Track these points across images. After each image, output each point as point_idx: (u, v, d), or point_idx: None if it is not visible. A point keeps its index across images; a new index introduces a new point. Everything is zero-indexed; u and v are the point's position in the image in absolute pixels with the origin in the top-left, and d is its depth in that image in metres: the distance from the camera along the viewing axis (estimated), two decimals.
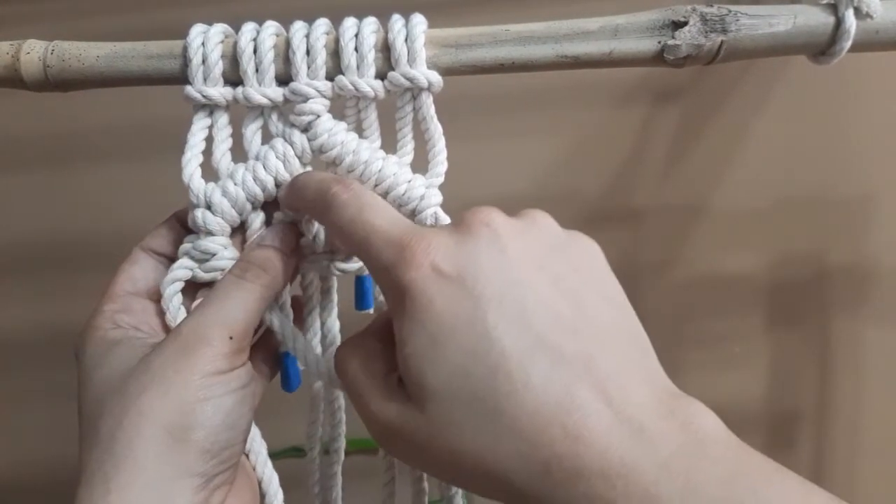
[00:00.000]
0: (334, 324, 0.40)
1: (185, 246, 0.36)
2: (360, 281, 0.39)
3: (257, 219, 0.37)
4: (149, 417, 0.30)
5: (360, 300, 0.40)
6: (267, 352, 0.38)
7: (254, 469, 0.36)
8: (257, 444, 0.36)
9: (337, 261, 0.38)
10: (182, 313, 0.36)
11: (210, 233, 0.36)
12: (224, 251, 0.36)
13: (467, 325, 0.27)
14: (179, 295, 0.36)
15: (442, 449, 0.28)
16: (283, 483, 0.37)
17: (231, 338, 0.32)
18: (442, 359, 0.27)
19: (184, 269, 0.36)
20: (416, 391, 0.28)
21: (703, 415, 0.27)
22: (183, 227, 0.38)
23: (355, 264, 0.38)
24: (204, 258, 0.36)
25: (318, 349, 0.40)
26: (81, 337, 0.34)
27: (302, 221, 0.37)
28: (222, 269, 0.36)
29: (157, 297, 0.36)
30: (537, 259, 0.29)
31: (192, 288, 0.37)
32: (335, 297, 0.40)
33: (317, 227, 0.36)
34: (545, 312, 0.28)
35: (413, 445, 0.29)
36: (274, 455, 0.39)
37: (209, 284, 0.37)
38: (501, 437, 0.26)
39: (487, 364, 0.27)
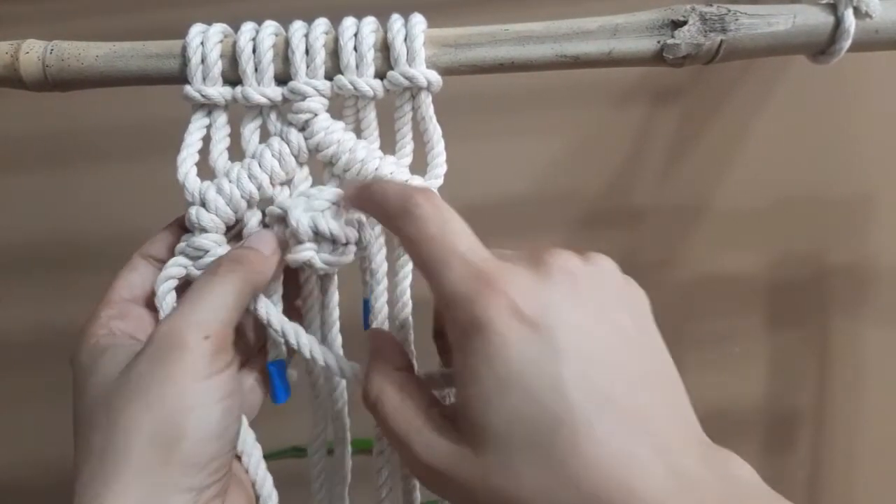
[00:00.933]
0: (335, 324, 0.40)
1: (181, 245, 0.36)
2: (366, 304, 0.39)
3: (254, 217, 0.37)
4: (133, 433, 0.29)
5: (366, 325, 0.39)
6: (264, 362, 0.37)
7: (247, 471, 0.35)
8: (249, 446, 0.35)
9: (323, 252, 0.36)
10: None
11: (204, 230, 0.36)
12: (218, 248, 0.36)
13: (539, 375, 0.27)
14: (173, 293, 0.36)
15: (494, 493, 0.27)
16: (284, 483, 0.36)
17: (207, 337, 0.31)
18: (509, 403, 0.27)
19: (178, 266, 0.36)
20: (475, 432, 0.27)
21: (740, 465, 0.27)
22: (185, 232, 0.38)
23: (344, 258, 0.36)
24: (197, 255, 0.36)
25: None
26: (76, 343, 0.34)
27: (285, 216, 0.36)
28: None
29: (154, 304, 0.36)
30: (607, 310, 0.29)
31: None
32: (336, 297, 0.40)
33: (296, 222, 0.35)
34: (612, 366, 0.28)
35: (462, 487, 0.28)
36: (274, 455, 0.39)
37: None
38: (559, 486, 0.26)
39: (555, 415, 0.26)
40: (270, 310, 0.36)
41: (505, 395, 0.27)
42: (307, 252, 0.35)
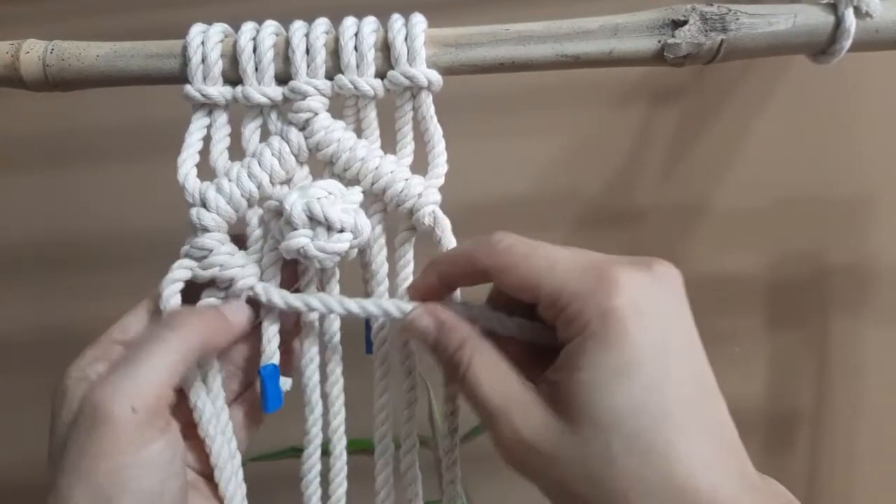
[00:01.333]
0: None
1: (185, 248, 0.36)
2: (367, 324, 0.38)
3: (255, 216, 0.37)
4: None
5: (368, 345, 0.39)
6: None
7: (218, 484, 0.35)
8: (223, 459, 0.35)
9: (318, 240, 0.35)
10: None
11: (206, 229, 0.36)
12: (221, 247, 0.36)
13: (654, 367, 0.28)
14: (178, 296, 0.36)
15: (585, 473, 0.28)
16: (283, 483, 0.36)
17: (135, 410, 0.30)
18: (618, 391, 0.28)
19: (183, 269, 0.36)
20: (576, 413, 0.28)
21: (780, 485, 0.30)
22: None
23: (339, 245, 0.35)
24: (202, 255, 0.36)
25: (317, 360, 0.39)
26: (55, 385, 0.33)
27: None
28: (220, 265, 0.36)
29: None
30: (691, 315, 0.31)
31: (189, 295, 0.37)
32: (336, 291, 0.39)
33: (290, 206, 0.35)
34: (700, 369, 0.29)
35: (552, 464, 0.28)
36: (274, 455, 0.39)
37: (212, 287, 0.36)
38: (653, 475, 0.27)
39: (660, 408, 0.28)
40: (281, 293, 0.36)
41: (619, 382, 0.28)
42: (301, 239, 0.35)
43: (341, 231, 0.35)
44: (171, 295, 0.35)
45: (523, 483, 0.30)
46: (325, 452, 0.39)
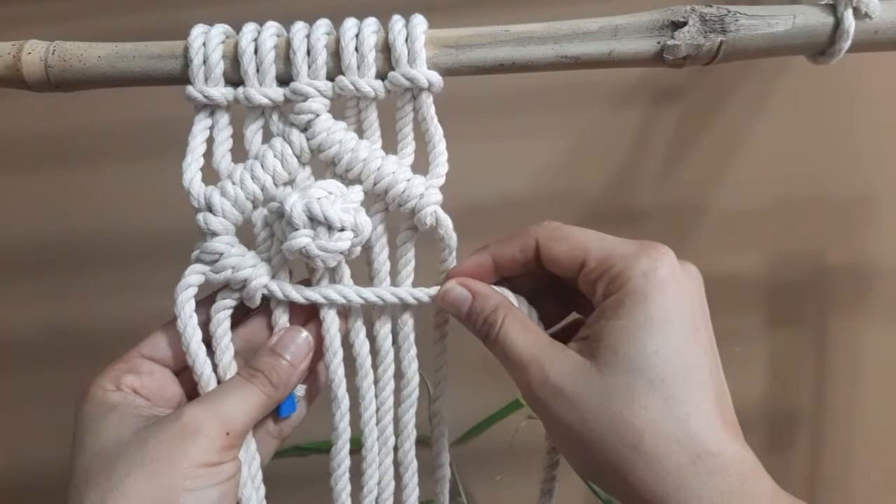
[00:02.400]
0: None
1: (195, 253, 0.37)
2: None
3: (260, 218, 0.37)
4: (132, 500, 0.31)
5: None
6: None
7: None
8: (248, 490, 0.36)
9: (319, 239, 0.36)
10: (193, 320, 0.36)
11: (214, 233, 0.36)
12: (231, 249, 0.36)
13: (684, 327, 0.32)
14: (192, 302, 0.36)
15: (605, 411, 0.30)
16: (284, 483, 0.37)
17: (228, 433, 0.34)
18: (651, 338, 0.31)
19: (196, 273, 0.36)
20: (607, 354, 0.31)
21: None
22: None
23: (340, 244, 0.36)
24: (213, 259, 0.36)
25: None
26: (83, 392, 0.35)
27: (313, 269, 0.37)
28: (233, 267, 0.36)
29: (173, 366, 0.37)
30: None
31: (207, 303, 0.38)
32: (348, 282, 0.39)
33: (290, 207, 0.35)
34: (714, 344, 0.33)
35: (576, 403, 0.31)
36: (276, 454, 0.39)
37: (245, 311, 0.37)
38: (670, 422, 0.30)
39: (685, 363, 0.31)
40: (297, 287, 0.37)
41: (652, 331, 0.31)
42: (302, 239, 0.35)
43: (342, 230, 0.36)
44: (186, 301, 0.36)
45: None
46: (319, 450, 0.40)
